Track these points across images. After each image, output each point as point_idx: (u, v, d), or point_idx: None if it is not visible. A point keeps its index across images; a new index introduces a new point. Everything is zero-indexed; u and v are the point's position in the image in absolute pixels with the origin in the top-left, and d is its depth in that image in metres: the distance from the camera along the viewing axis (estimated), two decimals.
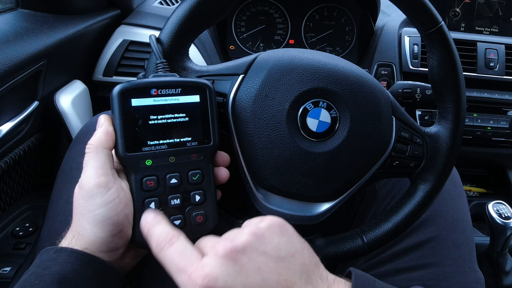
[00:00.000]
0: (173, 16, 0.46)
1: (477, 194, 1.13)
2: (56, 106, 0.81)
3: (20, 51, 0.69)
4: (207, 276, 0.31)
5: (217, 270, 0.31)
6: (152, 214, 0.38)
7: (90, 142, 0.39)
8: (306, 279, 0.33)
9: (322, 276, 0.34)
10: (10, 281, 0.65)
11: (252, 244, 0.33)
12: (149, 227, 0.37)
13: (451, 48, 0.47)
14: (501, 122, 0.96)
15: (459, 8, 1.01)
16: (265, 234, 0.34)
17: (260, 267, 0.32)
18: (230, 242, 0.33)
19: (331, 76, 0.46)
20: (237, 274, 0.31)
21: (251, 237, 0.33)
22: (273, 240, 0.34)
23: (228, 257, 0.32)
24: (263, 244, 0.33)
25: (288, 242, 0.34)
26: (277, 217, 0.36)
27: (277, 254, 0.33)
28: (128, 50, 0.95)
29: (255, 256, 0.32)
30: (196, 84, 0.43)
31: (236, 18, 1.00)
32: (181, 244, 0.34)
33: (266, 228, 0.34)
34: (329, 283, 0.34)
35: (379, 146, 0.47)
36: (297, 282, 0.33)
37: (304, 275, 0.33)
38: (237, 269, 0.31)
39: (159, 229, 0.36)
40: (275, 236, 0.34)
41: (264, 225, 0.35)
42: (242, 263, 0.32)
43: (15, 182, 0.79)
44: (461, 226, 0.58)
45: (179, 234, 0.35)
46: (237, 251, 0.32)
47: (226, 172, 0.45)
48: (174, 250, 0.34)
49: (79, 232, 0.39)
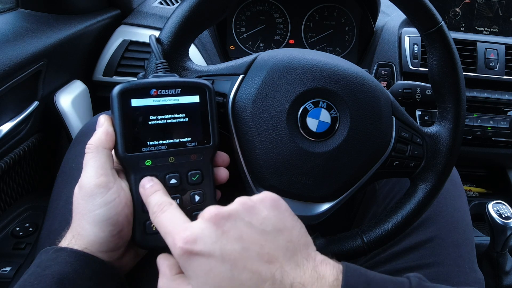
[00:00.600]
0: (173, 16, 0.46)
1: (477, 194, 1.13)
2: (56, 106, 0.81)
3: (20, 51, 0.69)
4: (187, 237, 0.32)
5: (197, 233, 0.32)
6: (150, 183, 0.39)
7: (90, 142, 0.39)
8: (290, 257, 0.32)
9: (309, 256, 0.34)
10: (10, 281, 0.65)
11: (239, 213, 0.33)
12: (146, 196, 0.38)
13: (451, 48, 0.47)
14: (501, 122, 0.96)
15: (459, 8, 1.01)
16: (256, 206, 0.34)
17: (243, 236, 0.32)
18: (216, 208, 0.33)
19: (331, 76, 0.46)
20: (217, 238, 0.32)
21: (239, 206, 0.34)
22: (262, 212, 0.34)
23: (211, 222, 0.32)
24: (250, 214, 0.33)
25: (277, 218, 0.34)
26: (273, 193, 0.36)
27: (263, 227, 0.33)
28: (128, 50, 0.95)
29: (240, 225, 0.33)
30: (196, 84, 0.43)
31: (236, 18, 1.00)
32: (172, 211, 0.36)
33: (258, 200, 0.35)
34: (315, 263, 0.33)
35: (379, 146, 0.47)
36: (280, 258, 0.32)
37: (289, 252, 0.33)
38: (218, 234, 0.32)
39: (155, 198, 0.38)
40: (265, 209, 0.34)
41: (256, 198, 0.35)
42: (224, 229, 0.32)
43: (15, 182, 0.79)
44: (461, 226, 0.58)
45: (171, 202, 0.37)
46: (221, 216, 0.32)
47: (226, 172, 0.45)
48: (165, 216, 0.35)
49: (79, 232, 0.39)
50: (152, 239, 0.41)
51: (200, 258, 0.31)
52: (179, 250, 0.32)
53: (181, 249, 0.32)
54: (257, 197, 0.35)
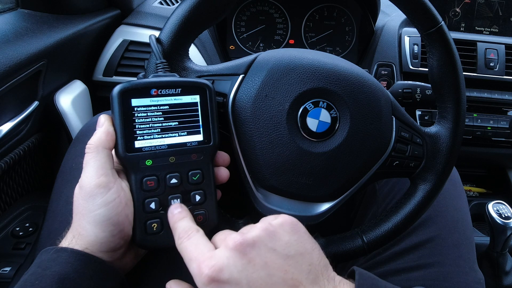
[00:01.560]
0: (173, 16, 0.46)
1: (477, 194, 1.13)
2: (56, 106, 0.81)
3: (20, 51, 0.69)
4: (214, 266, 0.32)
5: (224, 261, 0.32)
6: (178, 209, 0.40)
7: (90, 142, 0.39)
8: (312, 279, 0.33)
9: (329, 277, 0.35)
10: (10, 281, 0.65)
11: (262, 240, 0.34)
12: (174, 222, 0.39)
13: (451, 48, 0.47)
14: (501, 122, 0.96)
15: (459, 8, 1.01)
16: (277, 231, 0.35)
17: (267, 262, 0.33)
18: (240, 236, 0.34)
19: (331, 76, 0.46)
20: (243, 267, 0.32)
21: (261, 233, 0.34)
22: (283, 237, 0.34)
23: (236, 250, 0.33)
24: (273, 240, 0.34)
25: (298, 241, 0.35)
26: (290, 217, 0.37)
27: (286, 252, 0.34)
28: (128, 50, 0.95)
29: (264, 251, 0.33)
30: (196, 84, 0.43)
31: (236, 18, 1.00)
32: (197, 238, 0.36)
33: (279, 225, 0.35)
34: (335, 284, 0.34)
35: (379, 146, 0.47)
36: (303, 282, 0.33)
37: (311, 275, 0.34)
38: (244, 262, 0.32)
39: (182, 224, 0.38)
40: (286, 234, 0.35)
41: (276, 223, 0.35)
42: (249, 257, 0.33)
43: (15, 182, 0.79)
44: (461, 226, 0.58)
45: (198, 229, 0.38)
46: (246, 244, 0.33)
47: (226, 172, 0.45)
48: (190, 243, 0.36)
49: (80, 232, 0.39)
50: (153, 239, 0.41)
51: (227, 287, 0.32)
52: (206, 278, 0.32)
53: (208, 278, 0.32)
54: (276, 222, 0.36)
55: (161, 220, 0.41)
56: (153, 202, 0.40)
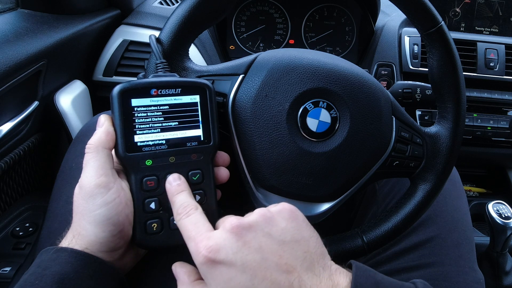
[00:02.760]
0: (173, 16, 0.46)
1: (477, 194, 1.13)
2: (56, 106, 0.81)
3: (20, 51, 0.69)
4: (210, 247, 0.33)
5: (220, 243, 0.33)
6: (177, 180, 0.40)
7: (90, 142, 0.39)
8: (307, 267, 0.34)
9: (325, 266, 0.35)
10: (10, 281, 0.65)
11: (259, 224, 0.34)
12: (172, 194, 0.39)
13: (451, 48, 0.47)
14: (501, 122, 0.96)
15: (459, 8, 1.01)
16: (274, 217, 0.35)
17: (262, 246, 0.33)
18: (238, 219, 0.35)
19: (331, 76, 0.46)
20: (238, 249, 0.33)
21: (259, 218, 0.35)
22: (280, 224, 0.35)
23: (233, 232, 0.34)
24: (269, 225, 0.35)
25: (295, 228, 0.35)
26: (290, 205, 0.37)
27: (282, 237, 0.34)
28: (128, 50, 0.95)
29: (260, 235, 0.34)
30: (196, 84, 0.43)
31: (236, 18, 1.00)
32: (196, 216, 0.37)
33: (277, 212, 0.36)
34: (330, 272, 0.35)
35: (379, 146, 0.47)
36: (297, 268, 0.33)
37: (306, 262, 0.34)
38: (239, 245, 0.33)
39: (180, 199, 0.39)
40: (284, 220, 0.35)
41: (275, 209, 0.36)
42: (245, 240, 0.33)
43: (15, 182, 0.79)
44: (461, 226, 0.58)
45: (196, 206, 0.38)
46: (242, 227, 0.34)
47: (226, 172, 0.45)
48: (189, 221, 0.36)
49: (79, 232, 0.39)
50: (153, 239, 0.41)
51: (222, 267, 0.32)
52: (202, 258, 0.33)
53: (204, 257, 0.33)
54: (275, 208, 0.36)
55: (161, 220, 0.41)
56: (153, 202, 0.40)
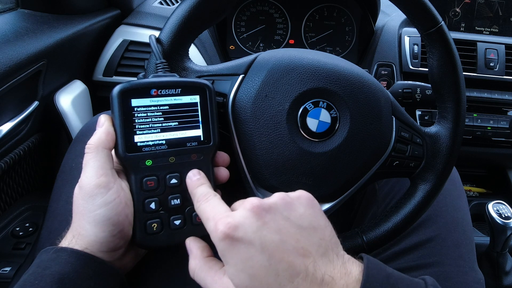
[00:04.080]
0: (173, 16, 0.46)
1: (477, 194, 1.13)
2: (56, 106, 0.81)
3: (20, 51, 0.69)
4: (229, 223, 0.33)
5: (240, 220, 0.33)
6: (196, 175, 0.41)
7: (90, 142, 0.39)
8: (323, 253, 0.34)
9: (338, 254, 0.35)
10: (10, 281, 0.65)
11: (278, 207, 0.35)
12: (192, 188, 0.40)
13: (451, 48, 0.47)
14: (501, 122, 0.96)
15: (459, 8, 1.01)
16: (293, 202, 0.36)
17: (281, 229, 0.34)
18: (259, 200, 0.35)
19: (331, 76, 0.46)
20: (257, 228, 0.33)
21: (279, 201, 0.35)
22: (299, 209, 0.35)
23: (253, 211, 0.34)
24: (288, 209, 0.35)
25: (312, 216, 0.36)
26: (307, 192, 0.38)
27: (300, 222, 0.35)
28: (128, 50, 0.95)
29: (279, 218, 0.34)
30: (196, 84, 0.43)
31: (236, 18, 1.00)
32: (215, 201, 0.38)
33: (296, 197, 0.36)
34: (344, 261, 0.35)
35: (379, 146, 0.47)
36: (313, 253, 0.34)
37: (321, 248, 0.34)
38: (259, 224, 0.33)
39: (200, 189, 0.39)
40: (302, 206, 0.36)
41: (294, 195, 0.37)
42: (264, 220, 0.33)
43: (15, 182, 0.79)
44: (461, 226, 0.58)
45: (215, 194, 0.39)
46: (262, 208, 0.34)
47: (226, 172, 0.45)
48: (208, 204, 0.37)
49: (79, 232, 0.39)
50: (153, 239, 0.41)
51: (240, 245, 0.32)
52: (221, 234, 0.33)
53: (223, 234, 0.33)
54: (294, 194, 0.37)
55: (161, 220, 0.41)
56: (153, 202, 0.40)
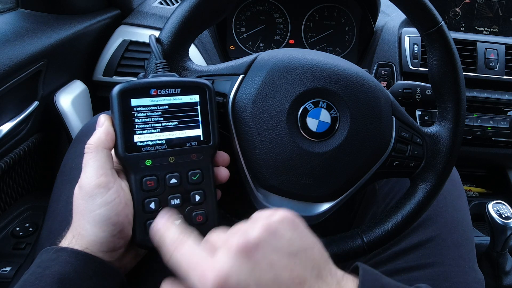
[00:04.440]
0: (173, 16, 0.46)
1: (477, 194, 1.13)
2: (56, 106, 0.81)
3: (20, 51, 0.69)
4: (219, 272, 0.30)
5: (229, 267, 0.30)
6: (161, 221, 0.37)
7: (90, 142, 0.39)
8: (316, 275, 0.33)
9: (331, 272, 0.34)
10: (10, 281, 0.65)
11: (265, 240, 0.32)
12: (159, 237, 0.36)
13: (451, 48, 0.47)
14: (501, 122, 0.96)
15: (459, 8, 1.01)
16: (278, 228, 0.33)
17: (273, 263, 0.31)
18: (243, 237, 0.32)
19: (331, 76, 0.46)
20: (250, 271, 0.30)
21: (264, 232, 0.32)
22: (285, 235, 0.33)
23: (241, 253, 0.31)
24: (276, 239, 0.32)
25: (300, 237, 0.34)
26: (286, 212, 0.35)
27: (290, 249, 0.33)
28: (128, 50, 0.95)
29: (269, 252, 0.32)
30: (196, 84, 0.43)
31: (236, 18, 1.00)
32: (190, 245, 0.33)
33: (279, 222, 0.33)
34: (338, 279, 0.34)
35: (379, 146, 0.47)
36: (308, 277, 0.32)
37: (315, 270, 0.33)
38: (250, 266, 0.30)
39: (168, 236, 0.35)
40: (288, 231, 0.33)
41: (276, 219, 0.34)
42: (255, 260, 0.31)
43: (15, 182, 0.79)
44: (461, 226, 0.58)
45: (187, 236, 0.34)
46: (250, 246, 0.31)
47: (226, 172, 0.45)
48: (183, 252, 0.33)
49: (79, 232, 0.39)
50: None
51: None
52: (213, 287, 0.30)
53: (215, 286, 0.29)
54: (275, 218, 0.34)
55: None
56: (153, 202, 0.40)
